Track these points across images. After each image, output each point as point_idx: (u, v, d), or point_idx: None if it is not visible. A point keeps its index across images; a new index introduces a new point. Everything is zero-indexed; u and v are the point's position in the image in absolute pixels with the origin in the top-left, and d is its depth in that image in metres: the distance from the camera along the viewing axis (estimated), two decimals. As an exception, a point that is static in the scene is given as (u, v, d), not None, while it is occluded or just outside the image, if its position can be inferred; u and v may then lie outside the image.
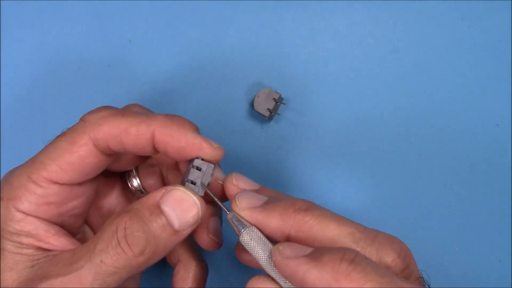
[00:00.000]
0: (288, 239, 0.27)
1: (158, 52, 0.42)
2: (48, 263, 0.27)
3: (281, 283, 0.25)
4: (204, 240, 0.32)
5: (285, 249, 0.25)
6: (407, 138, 0.41)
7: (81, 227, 0.32)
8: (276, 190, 0.30)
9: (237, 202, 0.28)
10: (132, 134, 0.28)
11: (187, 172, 0.29)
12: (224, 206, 0.28)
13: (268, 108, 0.39)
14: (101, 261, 0.26)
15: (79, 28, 0.42)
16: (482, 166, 0.40)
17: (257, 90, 0.40)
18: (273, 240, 0.27)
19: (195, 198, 0.28)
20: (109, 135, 0.28)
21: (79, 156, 0.28)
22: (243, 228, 0.27)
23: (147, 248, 0.26)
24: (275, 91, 0.39)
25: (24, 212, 0.28)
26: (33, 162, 0.28)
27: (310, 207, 0.27)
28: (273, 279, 0.26)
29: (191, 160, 0.29)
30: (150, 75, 0.42)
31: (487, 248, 0.40)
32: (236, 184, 0.30)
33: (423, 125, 0.41)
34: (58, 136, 0.29)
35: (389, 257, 0.25)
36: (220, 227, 0.33)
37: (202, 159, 0.29)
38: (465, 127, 0.40)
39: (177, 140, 0.29)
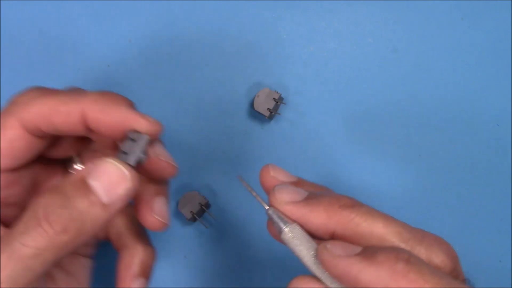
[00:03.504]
0: (332, 236, 0.25)
1: (158, 52, 0.42)
2: None
3: (328, 282, 0.24)
4: (149, 220, 0.30)
5: (334, 247, 0.24)
6: (407, 138, 0.41)
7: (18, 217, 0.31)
8: (314, 184, 0.29)
9: (277, 196, 0.26)
10: (62, 112, 0.27)
11: (121, 145, 0.27)
12: (263, 200, 0.27)
13: (268, 108, 0.39)
14: (22, 244, 0.24)
15: (79, 28, 0.42)
16: (482, 166, 0.40)
17: (257, 90, 0.40)
18: (316, 237, 0.26)
19: (124, 169, 0.26)
20: (38, 116, 0.27)
21: (7, 140, 0.27)
22: (284, 225, 0.25)
23: (71, 225, 0.25)
24: (275, 91, 0.39)
25: None
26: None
27: (356, 203, 0.25)
28: (318, 279, 0.24)
29: (125, 135, 0.28)
30: (150, 75, 0.42)
31: (487, 248, 0.40)
32: (274, 176, 0.28)
33: (423, 125, 0.41)
34: None
35: (439, 258, 0.24)
36: (166, 207, 0.31)
37: (137, 132, 0.27)
38: (465, 128, 0.40)
39: (109, 116, 0.27)
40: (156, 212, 0.30)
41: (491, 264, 0.40)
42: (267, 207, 0.26)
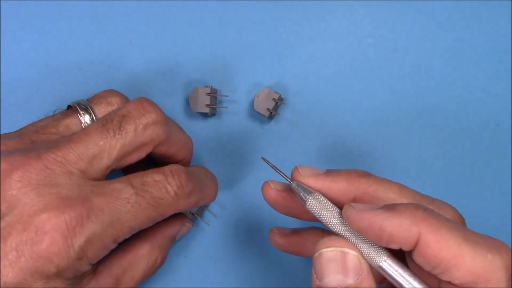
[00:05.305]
0: (354, 201, 0.28)
1: (159, 53, 0.42)
2: None
3: (352, 238, 0.26)
4: None
5: (358, 205, 0.26)
6: (407, 138, 0.41)
7: None
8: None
9: (300, 171, 0.29)
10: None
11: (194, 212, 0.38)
12: (286, 176, 0.29)
13: (268, 108, 0.39)
14: None
15: (79, 29, 0.42)
16: (482, 166, 0.40)
17: (256, 90, 0.40)
18: (337, 205, 0.28)
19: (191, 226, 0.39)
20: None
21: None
22: (308, 194, 0.28)
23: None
24: (275, 91, 0.39)
25: (92, 264, 0.29)
26: (120, 223, 0.29)
27: (370, 174, 0.28)
28: (342, 238, 0.26)
29: None
30: (150, 76, 0.42)
31: (487, 248, 0.40)
32: (301, 172, 0.30)
33: (423, 125, 0.41)
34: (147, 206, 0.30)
35: (449, 215, 0.26)
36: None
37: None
38: (465, 127, 0.40)
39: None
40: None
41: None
42: (291, 182, 0.29)
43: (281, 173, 0.30)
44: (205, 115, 0.41)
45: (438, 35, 0.41)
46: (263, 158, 0.31)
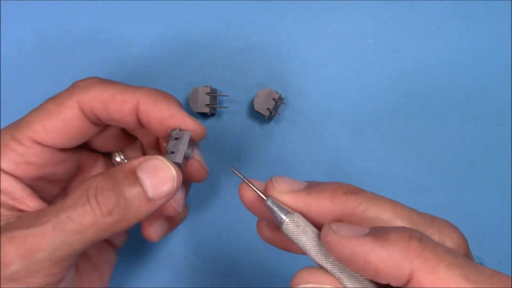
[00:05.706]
0: (339, 221, 0.24)
1: (158, 53, 0.42)
2: (15, 219, 0.27)
3: (336, 271, 0.22)
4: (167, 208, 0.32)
5: (340, 228, 0.22)
6: (407, 138, 0.41)
7: (57, 196, 0.32)
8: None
9: (276, 186, 0.25)
10: (118, 100, 0.29)
11: (167, 145, 0.29)
12: (260, 190, 0.25)
13: (268, 108, 0.39)
14: (68, 217, 0.25)
15: (79, 29, 0.42)
16: (482, 166, 0.40)
17: (257, 90, 0.40)
18: (319, 228, 0.24)
19: (172, 169, 0.27)
20: (95, 100, 0.29)
21: (64, 118, 0.29)
22: (285, 215, 0.23)
23: (116, 209, 0.26)
24: (275, 91, 0.39)
25: (2, 170, 0.28)
26: (18, 122, 0.29)
27: (360, 190, 0.24)
28: (324, 270, 0.22)
29: (170, 135, 0.29)
30: (150, 76, 0.42)
31: (487, 249, 0.40)
32: (277, 187, 0.26)
33: (423, 125, 0.41)
34: (47, 100, 0.29)
35: (452, 240, 0.23)
36: (183, 197, 0.33)
37: (180, 130, 0.29)
38: (465, 127, 0.40)
39: (160, 110, 0.29)
40: (175, 202, 0.32)
41: (491, 264, 0.39)
42: (265, 198, 0.24)
43: (253, 187, 0.25)
44: (205, 115, 0.41)
45: (438, 35, 0.41)
46: (232, 168, 0.27)
